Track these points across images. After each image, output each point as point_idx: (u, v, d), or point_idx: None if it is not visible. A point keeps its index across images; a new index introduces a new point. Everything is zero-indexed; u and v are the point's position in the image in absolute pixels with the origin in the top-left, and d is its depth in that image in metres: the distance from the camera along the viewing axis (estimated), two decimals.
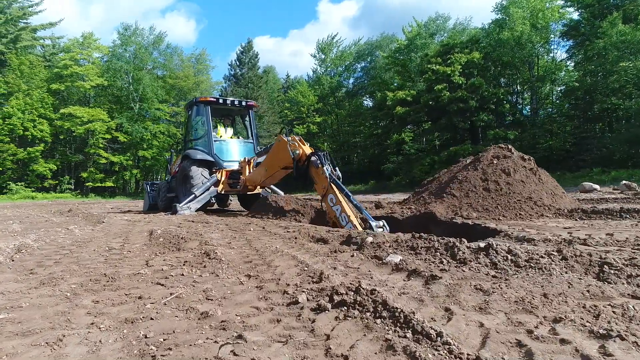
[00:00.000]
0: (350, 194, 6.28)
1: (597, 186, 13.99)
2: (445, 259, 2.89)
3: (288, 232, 4.89)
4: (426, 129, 34.63)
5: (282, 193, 10.79)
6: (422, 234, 3.51)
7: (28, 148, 35.86)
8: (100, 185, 39.38)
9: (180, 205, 9.51)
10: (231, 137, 11.81)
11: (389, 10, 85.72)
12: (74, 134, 38.39)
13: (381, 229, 5.73)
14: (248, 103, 11.92)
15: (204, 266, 3.02)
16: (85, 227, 6.06)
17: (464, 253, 2.88)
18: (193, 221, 7.01)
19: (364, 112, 44.42)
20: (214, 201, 13.55)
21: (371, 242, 3.59)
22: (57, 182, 38.80)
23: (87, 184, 39.10)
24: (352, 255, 3.36)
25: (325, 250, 3.64)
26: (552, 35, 30.54)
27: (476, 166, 7.70)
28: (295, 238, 4.40)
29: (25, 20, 41.96)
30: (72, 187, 39.84)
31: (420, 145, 36.12)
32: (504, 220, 6.26)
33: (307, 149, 7.36)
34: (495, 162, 7.58)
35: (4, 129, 35.09)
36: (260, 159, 9.57)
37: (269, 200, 8.36)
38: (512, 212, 6.48)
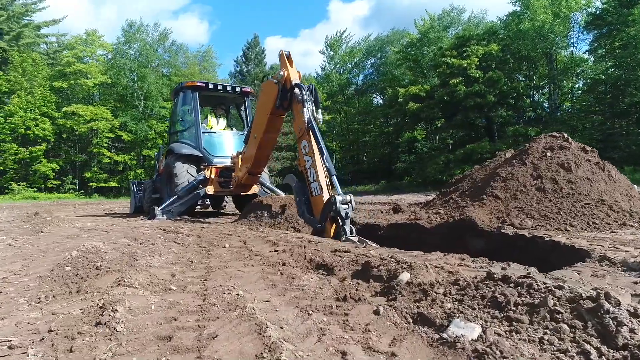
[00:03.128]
0: (325, 150, 5.43)
1: (635, 186, 12.23)
2: (588, 341, 1.31)
3: (276, 250, 3.34)
4: (440, 126, 32.88)
5: (282, 194, 9.21)
6: (509, 275, 1.90)
7: (30, 147, 34.81)
8: (104, 185, 38.16)
9: (159, 208, 7.99)
10: (224, 129, 10.24)
11: (400, 10, 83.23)
12: (77, 133, 37.29)
13: (346, 206, 4.88)
14: (243, 89, 10.26)
15: (70, 349, 1.49)
16: (5, 241, 4.56)
17: (633, 331, 1.29)
18: (165, 230, 5.50)
19: (374, 109, 42.71)
20: (209, 203, 12.06)
21: (409, 283, 2.02)
22: (60, 182, 37.66)
23: (91, 184, 37.90)
24: (377, 313, 1.79)
25: (327, 296, 2.08)
26: (577, 25, 28.59)
27: (524, 160, 6.06)
28: (283, 264, 2.85)
29: (28, 18, 41.00)
30: (76, 187, 38.64)
31: (433, 144, 34.33)
32: (573, 230, 4.63)
33: (293, 73, 6.05)
34: (548, 154, 5.93)
35: (6, 128, 34.11)
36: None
37: (263, 202, 6.80)
38: (582, 219, 4.84)
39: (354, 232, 4.92)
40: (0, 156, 34.52)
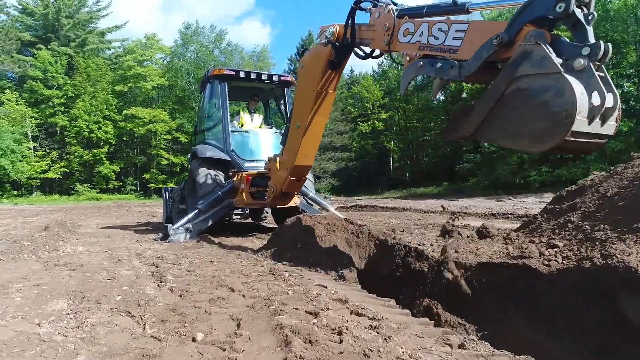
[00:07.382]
0: None
1: None
2: None
3: None
4: None
5: (331, 209, 7.36)
6: None
7: (93, 150, 36.10)
8: (162, 186, 38.69)
9: (175, 227, 6.48)
10: (259, 127, 8.59)
11: None
12: (137, 135, 38.17)
13: None
14: (282, 78, 8.47)
15: None
16: None
17: None
18: (157, 266, 3.93)
19: (435, 106, 39.76)
20: (248, 212, 10.55)
21: None
22: (121, 183, 38.74)
23: (150, 186, 38.65)
24: None
25: None
26: None
27: None
28: None
29: (93, 24, 42.63)
30: (136, 189, 39.57)
31: None
32: None
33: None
34: None
35: (71, 131, 35.59)
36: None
37: (300, 224, 5.02)
38: None
39: None
40: (66, 158, 36.05)
